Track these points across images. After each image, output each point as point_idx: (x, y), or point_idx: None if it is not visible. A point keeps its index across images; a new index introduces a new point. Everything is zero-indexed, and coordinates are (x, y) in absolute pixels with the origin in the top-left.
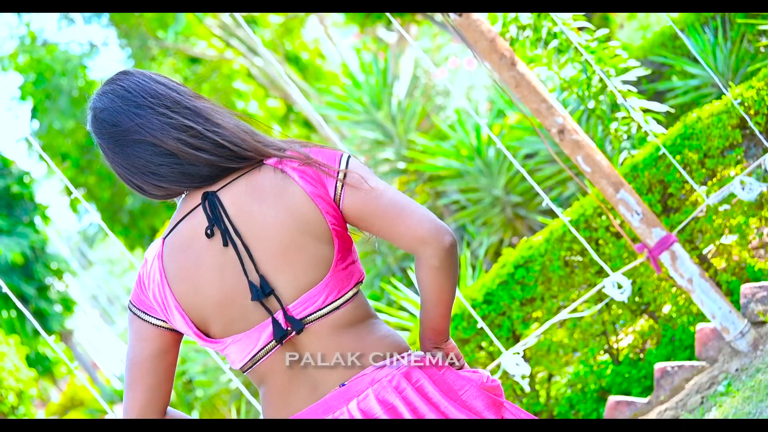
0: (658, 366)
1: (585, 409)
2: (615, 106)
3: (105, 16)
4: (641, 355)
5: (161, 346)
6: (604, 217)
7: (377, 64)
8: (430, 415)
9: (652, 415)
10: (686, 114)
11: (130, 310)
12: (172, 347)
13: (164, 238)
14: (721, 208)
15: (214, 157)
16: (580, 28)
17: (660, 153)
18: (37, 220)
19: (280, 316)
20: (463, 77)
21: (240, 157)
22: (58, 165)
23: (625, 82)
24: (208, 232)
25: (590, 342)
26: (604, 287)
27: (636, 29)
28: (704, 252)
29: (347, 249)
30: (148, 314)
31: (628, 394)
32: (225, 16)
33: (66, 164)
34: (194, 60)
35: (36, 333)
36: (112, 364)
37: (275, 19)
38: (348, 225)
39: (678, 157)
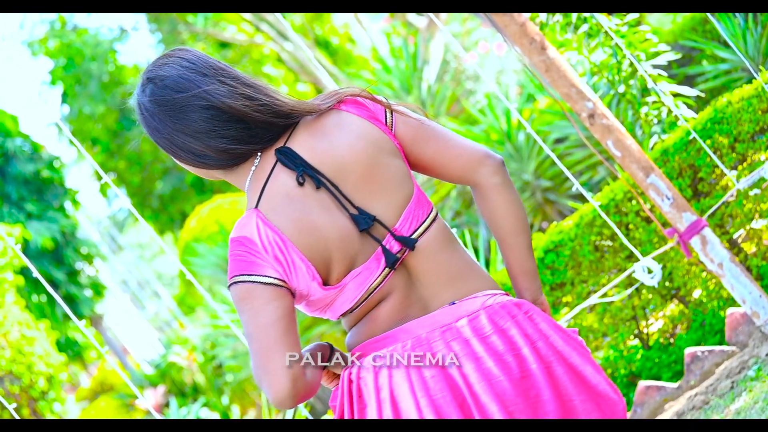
0: (689, 351)
1: None
2: (645, 91)
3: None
4: (671, 340)
5: (288, 305)
6: (634, 202)
7: (407, 48)
8: (539, 342)
9: (682, 399)
10: (716, 98)
11: (241, 282)
12: (294, 309)
13: (255, 208)
14: (751, 193)
15: (274, 118)
16: (610, 13)
17: (690, 137)
18: (68, 205)
19: (389, 242)
20: (493, 62)
21: (292, 115)
22: (88, 150)
23: (655, 67)
24: (300, 180)
25: (620, 327)
26: (634, 272)
27: (666, 13)
28: (734, 236)
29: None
30: (268, 276)
31: (658, 378)
32: None
33: (96, 149)
34: (224, 45)
35: (66, 318)
36: (142, 348)
37: None
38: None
39: (708, 141)
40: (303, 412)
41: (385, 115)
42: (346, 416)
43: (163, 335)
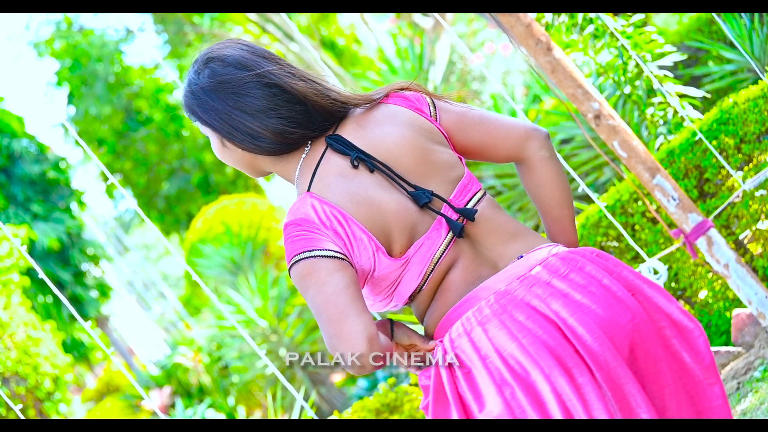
0: None
1: None
2: (651, 91)
3: None
4: None
5: (352, 275)
6: (640, 203)
7: (413, 49)
8: (615, 275)
9: None
10: (722, 99)
11: (304, 259)
12: (358, 281)
13: (308, 190)
14: (757, 194)
15: (327, 102)
16: (616, 13)
17: (696, 138)
18: (74, 205)
19: (448, 213)
20: (498, 62)
21: (345, 106)
22: (95, 150)
23: (661, 67)
24: (354, 163)
25: None
26: (640, 272)
27: (672, 14)
28: (740, 237)
29: None
30: (328, 250)
31: None
32: None
33: (102, 150)
34: None
35: (72, 318)
36: (148, 349)
37: None
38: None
39: (714, 142)
40: (309, 413)
41: (429, 108)
42: (448, 390)
43: (169, 336)
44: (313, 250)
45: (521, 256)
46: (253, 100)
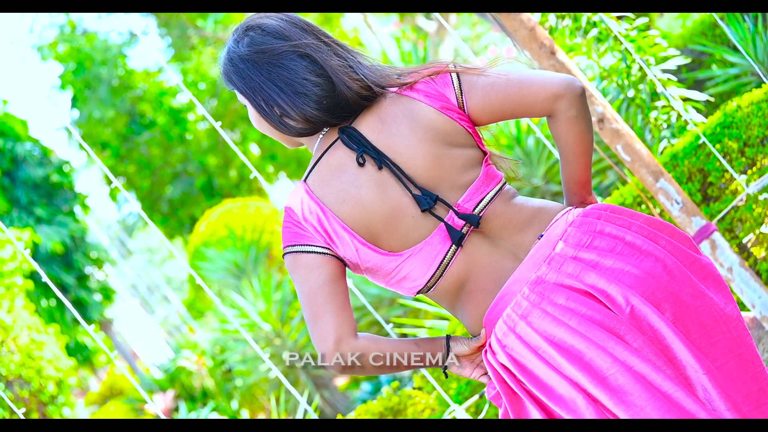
0: None
1: None
2: (655, 95)
3: None
4: None
5: (332, 271)
6: (643, 206)
7: (417, 52)
8: (633, 227)
9: None
10: (726, 103)
11: (289, 253)
12: (341, 275)
13: (305, 180)
14: (761, 197)
15: (355, 87)
16: (619, 17)
17: (700, 142)
18: (77, 209)
19: (452, 219)
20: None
21: (372, 91)
22: (98, 154)
23: (664, 71)
24: (360, 160)
25: None
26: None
27: (675, 18)
28: (744, 241)
29: (481, 143)
30: (310, 245)
31: None
32: None
33: (106, 153)
34: None
35: (75, 322)
36: (152, 353)
37: None
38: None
39: (718, 146)
40: (312, 416)
41: (455, 92)
42: (517, 391)
43: (173, 340)
44: (295, 245)
45: (541, 235)
46: (284, 72)
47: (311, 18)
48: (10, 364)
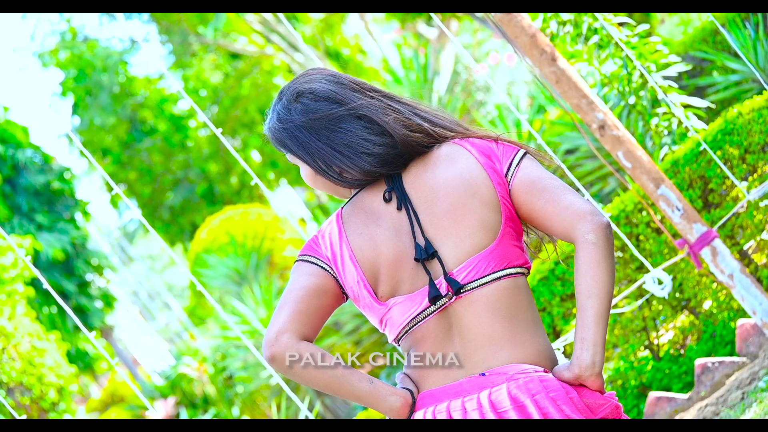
0: (699, 362)
1: (626, 405)
2: (656, 102)
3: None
4: (682, 351)
5: (321, 284)
6: (644, 213)
7: (418, 59)
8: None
9: (693, 411)
10: (727, 109)
11: (299, 260)
12: (330, 293)
13: (343, 205)
14: (762, 204)
15: (417, 136)
16: (620, 24)
17: (701, 148)
18: (78, 216)
19: (441, 282)
20: (503, 73)
21: (433, 139)
22: (99, 161)
23: (665, 78)
24: (386, 196)
25: (631, 338)
26: (644, 283)
27: (677, 24)
28: (745, 247)
29: (517, 229)
30: (316, 257)
31: (668, 390)
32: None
33: (107, 160)
34: (235, 56)
35: (76, 329)
36: (153, 360)
37: (316, 14)
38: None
39: (719, 152)
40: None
41: (509, 167)
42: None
43: (174, 346)
44: (304, 255)
45: (484, 374)
46: (344, 135)
47: (313, 27)
48: (11, 371)
